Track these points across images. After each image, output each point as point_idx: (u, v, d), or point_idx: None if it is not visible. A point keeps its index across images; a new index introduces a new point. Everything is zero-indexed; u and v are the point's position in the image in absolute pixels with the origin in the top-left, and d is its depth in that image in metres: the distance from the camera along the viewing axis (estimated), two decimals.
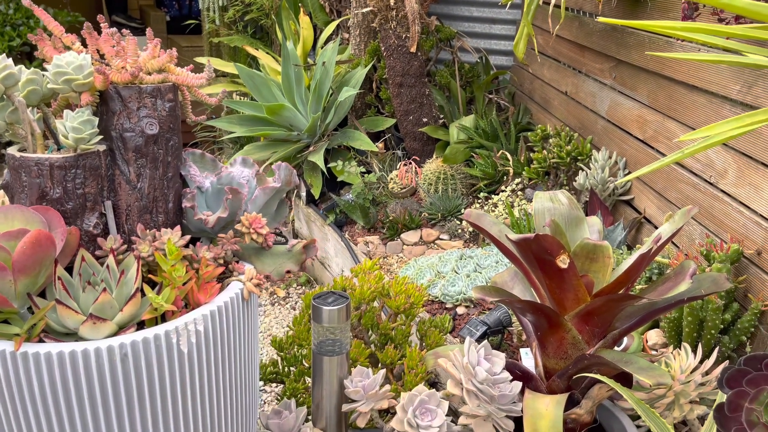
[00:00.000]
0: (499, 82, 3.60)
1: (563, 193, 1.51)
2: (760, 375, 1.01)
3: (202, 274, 0.97)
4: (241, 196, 1.06)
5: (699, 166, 1.85)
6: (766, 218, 1.56)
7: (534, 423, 1.33)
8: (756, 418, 1.02)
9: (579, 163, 2.45)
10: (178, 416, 0.95)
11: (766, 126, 1.56)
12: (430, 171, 2.98)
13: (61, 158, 0.91)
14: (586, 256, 1.35)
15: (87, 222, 0.95)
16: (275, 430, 1.22)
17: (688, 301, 1.34)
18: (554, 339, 1.37)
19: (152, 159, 0.99)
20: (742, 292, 1.64)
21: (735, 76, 1.66)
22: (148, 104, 0.97)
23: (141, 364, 0.89)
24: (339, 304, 1.21)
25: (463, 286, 2.24)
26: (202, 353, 0.95)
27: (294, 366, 1.60)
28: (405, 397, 1.18)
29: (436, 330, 1.69)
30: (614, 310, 1.31)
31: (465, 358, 1.21)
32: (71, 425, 0.88)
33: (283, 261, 1.10)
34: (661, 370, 1.19)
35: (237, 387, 1.05)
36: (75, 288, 0.90)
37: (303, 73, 3.32)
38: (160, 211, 1.02)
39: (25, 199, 0.91)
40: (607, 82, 2.43)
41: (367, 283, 1.57)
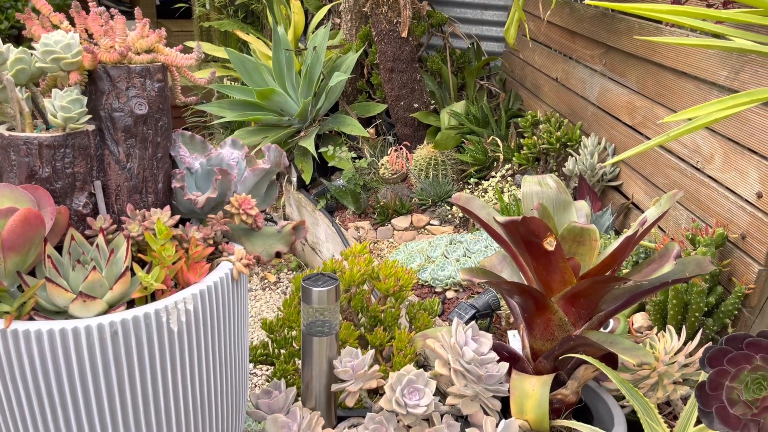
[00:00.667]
0: (491, 68, 3.60)
1: (551, 177, 1.53)
2: (741, 354, 1.03)
3: (192, 254, 0.97)
4: (230, 177, 1.06)
5: (686, 152, 1.87)
6: (750, 203, 1.59)
7: (521, 403, 1.35)
8: (736, 396, 1.04)
9: (569, 149, 2.47)
10: (168, 395, 0.96)
11: (752, 112, 1.58)
12: (421, 157, 2.99)
13: (50, 137, 0.91)
14: (573, 240, 1.37)
15: (76, 201, 0.95)
16: (265, 410, 1.23)
17: (672, 283, 1.36)
18: (541, 321, 1.38)
19: (142, 139, 0.99)
20: (727, 276, 1.66)
21: (722, 61, 1.68)
22: (137, 84, 0.97)
23: (131, 342, 0.89)
24: (328, 285, 1.22)
25: (453, 271, 2.25)
26: (192, 332, 0.96)
27: (284, 348, 1.61)
28: (393, 376, 1.20)
29: (425, 313, 1.71)
30: (600, 292, 1.33)
31: (453, 339, 1.22)
32: (62, 403, 0.89)
33: (272, 242, 1.11)
34: (645, 350, 1.21)
35: (227, 366, 1.06)
36: (65, 267, 0.91)
37: (294, 58, 3.31)
38: (150, 192, 1.03)
39: (14, 178, 0.91)
40: (598, 68, 2.43)
41: (357, 266, 1.58)
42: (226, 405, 1.09)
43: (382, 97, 3.41)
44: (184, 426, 1.00)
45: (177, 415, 0.99)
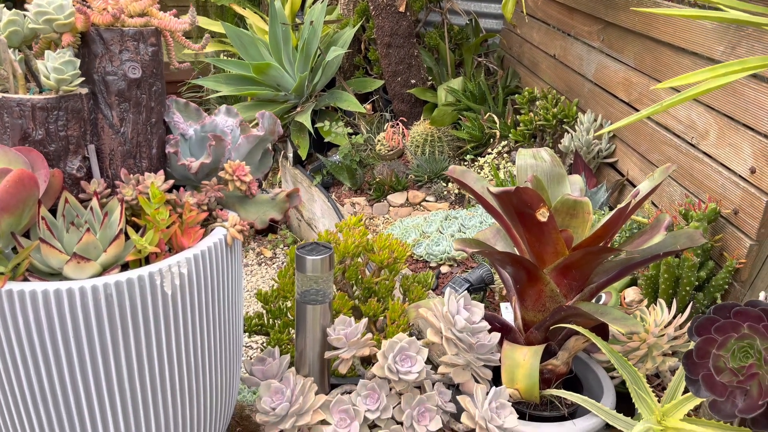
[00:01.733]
0: (489, 45, 3.58)
1: (546, 150, 1.53)
2: (728, 323, 1.05)
3: (186, 218, 0.98)
4: (224, 144, 1.06)
5: (681, 128, 1.87)
6: (744, 178, 1.59)
7: (511, 372, 1.37)
8: (723, 364, 1.06)
9: (565, 126, 2.47)
10: (162, 358, 0.97)
11: (747, 87, 1.58)
12: (418, 133, 2.99)
13: (43, 99, 0.91)
14: (566, 212, 1.38)
15: (70, 165, 0.95)
16: (259, 376, 1.24)
17: (664, 255, 1.37)
18: (533, 292, 1.40)
19: (135, 103, 0.99)
20: (718, 251, 1.67)
21: (719, 37, 1.67)
22: (131, 48, 0.96)
23: (125, 304, 0.90)
24: (322, 254, 1.23)
25: (448, 246, 2.26)
26: (185, 296, 0.96)
27: (279, 318, 1.62)
28: (386, 344, 1.21)
29: (419, 285, 1.72)
30: (592, 263, 1.34)
31: (445, 308, 1.23)
32: (57, 364, 0.90)
33: (266, 209, 1.11)
34: (635, 320, 1.23)
35: (221, 332, 1.07)
36: (59, 229, 0.91)
37: (291, 32, 3.28)
38: (144, 157, 1.03)
39: (7, 140, 0.91)
40: (595, 44, 2.42)
41: (352, 237, 1.59)
42: (220, 370, 1.10)
43: (379, 73, 3.39)
44: (178, 389, 1.02)
45: (171, 379, 1.00)
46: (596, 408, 1.33)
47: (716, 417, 1.16)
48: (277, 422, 1.16)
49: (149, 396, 0.98)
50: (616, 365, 1.28)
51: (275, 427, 1.16)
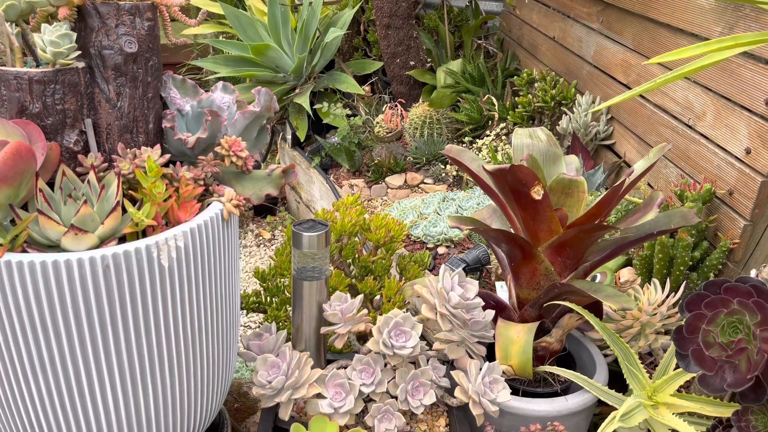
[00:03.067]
0: (489, 28, 3.57)
1: (542, 130, 1.54)
2: (718, 298, 1.06)
3: (182, 192, 0.99)
4: (220, 119, 1.07)
5: (679, 109, 1.87)
6: (739, 159, 1.60)
7: (505, 348, 1.39)
8: (712, 339, 1.07)
9: (563, 108, 2.47)
10: (159, 330, 0.99)
11: (744, 67, 1.58)
12: (416, 115, 2.99)
13: (40, 72, 0.91)
14: (561, 191, 1.38)
15: (67, 138, 0.96)
16: (256, 351, 1.26)
17: (658, 234, 1.38)
18: (527, 270, 1.41)
19: (132, 78, 0.99)
20: (713, 231, 1.69)
21: (717, 17, 1.67)
22: (127, 22, 0.97)
23: (123, 276, 0.91)
24: (318, 230, 1.24)
25: (445, 227, 2.27)
26: (182, 269, 0.98)
27: (276, 296, 1.64)
28: (381, 319, 1.22)
29: (416, 265, 1.73)
30: (586, 241, 1.35)
31: (439, 284, 1.25)
32: (56, 335, 0.92)
33: (262, 185, 1.12)
34: (627, 297, 1.24)
35: (217, 306, 1.09)
36: (56, 201, 0.92)
37: (290, 14, 3.27)
38: (141, 132, 1.03)
39: (4, 113, 0.92)
40: (594, 26, 2.42)
41: (348, 216, 1.60)
42: (216, 344, 1.12)
43: (378, 55, 3.38)
44: (176, 362, 1.03)
45: (168, 351, 1.01)
46: (589, 384, 1.35)
47: (705, 391, 1.18)
48: (274, 395, 1.18)
49: (146, 368, 1.00)
50: (608, 342, 1.30)
51: (271, 400, 1.18)
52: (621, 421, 1.25)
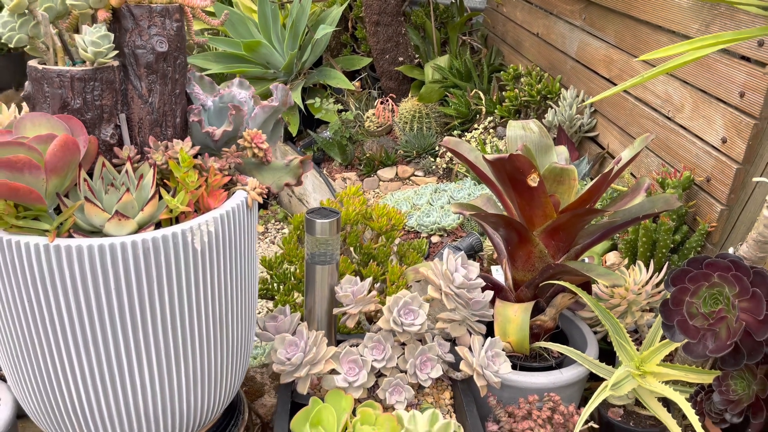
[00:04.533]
0: (473, 24, 3.67)
1: (534, 122, 1.63)
2: (700, 273, 1.17)
3: (211, 182, 1.06)
4: (243, 113, 1.14)
5: (659, 102, 1.98)
6: (716, 148, 1.72)
7: (503, 327, 1.49)
8: (695, 310, 1.18)
9: (548, 102, 2.57)
10: (192, 309, 1.06)
11: (720, 62, 1.70)
12: (406, 110, 3.08)
13: (81, 71, 0.98)
14: (553, 179, 1.48)
15: (104, 132, 1.03)
16: (272, 331, 1.34)
17: (643, 218, 1.49)
18: (523, 253, 1.51)
19: (162, 75, 1.07)
20: (692, 216, 1.80)
21: (694, 15, 1.78)
22: (158, 23, 1.04)
23: (161, 259, 0.99)
24: (330, 217, 1.32)
25: (438, 217, 2.37)
26: (213, 252, 1.05)
27: (284, 282, 1.72)
28: (390, 299, 1.31)
29: (415, 251, 1.83)
30: (578, 225, 1.45)
31: (444, 266, 1.34)
32: (99, 315, 0.99)
33: (281, 175, 1.20)
34: (617, 275, 1.34)
35: (241, 286, 1.16)
36: (98, 190, 0.99)
37: (278, 11, 3.33)
38: (169, 125, 1.11)
39: (47, 109, 0.99)
40: (577, 23, 2.53)
41: (352, 205, 1.68)
42: (240, 323, 1.19)
43: (366, 51, 3.46)
44: (205, 339, 1.11)
45: (199, 329, 1.09)
46: (581, 358, 1.45)
47: (690, 358, 1.29)
48: (293, 371, 1.26)
49: (180, 345, 1.07)
50: (599, 316, 1.40)
51: (291, 375, 1.27)
52: (612, 389, 1.36)
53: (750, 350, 1.13)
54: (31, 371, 1.06)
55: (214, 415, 1.25)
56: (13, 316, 1.00)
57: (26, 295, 0.97)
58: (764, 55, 1.53)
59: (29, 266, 0.95)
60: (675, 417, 1.36)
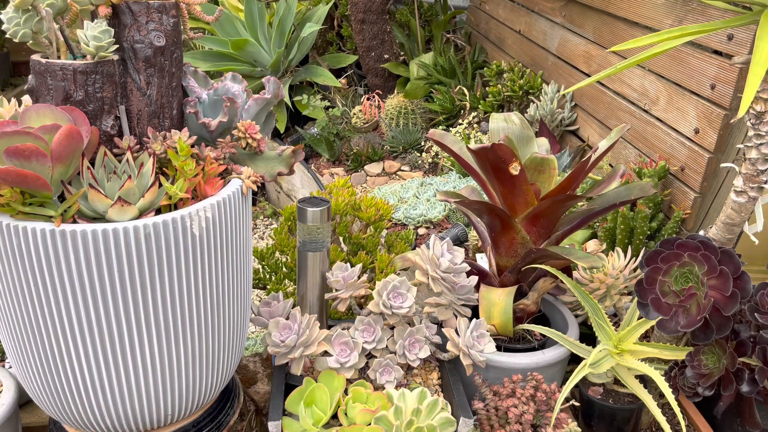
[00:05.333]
0: (456, 22, 3.73)
1: (516, 114, 1.70)
2: (672, 253, 1.24)
3: (208, 170, 1.11)
4: (237, 105, 1.20)
5: (636, 96, 2.06)
6: (689, 138, 1.79)
7: (488, 310, 1.55)
8: (667, 288, 1.25)
9: (530, 96, 2.64)
10: (191, 291, 1.11)
11: (692, 56, 1.77)
12: (392, 106, 3.13)
13: (83, 64, 1.02)
14: (534, 168, 1.55)
15: (105, 123, 1.08)
16: (266, 316, 1.39)
17: (620, 205, 1.56)
18: (506, 239, 1.57)
19: (159, 69, 1.11)
20: (668, 204, 1.88)
21: (668, 11, 1.86)
22: (155, 19, 1.09)
23: (161, 243, 1.04)
24: (321, 206, 1.38)
25: (424, 209, 2.43)
26: (210, 237, 1.10)
27: (275, 272, 1.77)
28: (380, 283, 1.37)
29: (402, 241, 1.89)
30: (558, 211, 1.52)
31: (431, 252, 1.40)
32: (103, 296, 1.03)
33: (274, 164, 1.25)
34: (595, 257, 1.41)
35: (236, 271, 1.21)
36: (101, 178, 1.04)
37: (265, 10, 3.37)
38: (166, 117, 1.15)
39: (51, 101, 1.03)
40: (558, 20, 2.60)
41: (342, 196, 1.74)
42: (235, 305, 1.24)
43: (352, 49, 3.51)
44: (203, 320, 1.16)
45: (197, 311, 1.14)
46: (562, 339, 1.52)
47: (665, 337, 1.36)
48: (287, 353, 1.31)
49: (179, 325, 1.12)
50: (579, 298, 1.47)
51: (285, 357, 1.32)
52: (591, 367, 1.42)
53: (719, 325, 1.20)
54: (37, 354, 1.10)
55: (212, 396, 1.30)
56: (20, 299, 1.05)
57: (32, 278, 1.02)
58: (734, 49, 1.61)
59: (36, 251, 0.99)
60: (652, 395, 1.44)
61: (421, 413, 1.26)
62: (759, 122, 1.18)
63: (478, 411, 1.38)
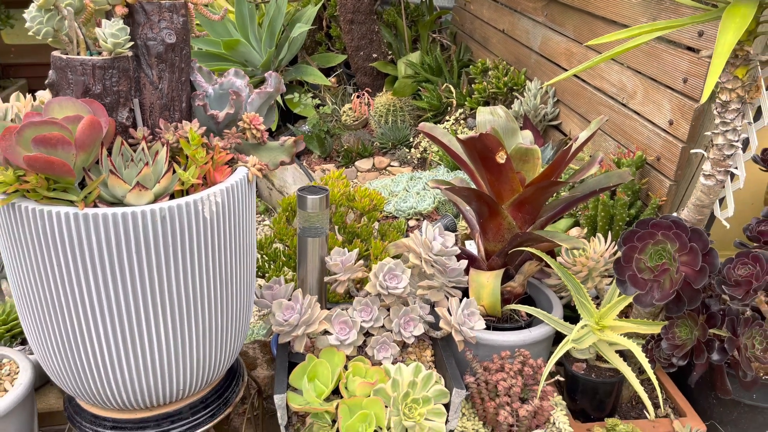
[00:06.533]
0: (442, 23, 3.83)
1: (501, 108, 1.80)
2: (647, 232, 1.34)
3: (217, 158, 1.19)
4: (242, 98, 1.28)
5: (614, 90, 2.17)
6: (664, 129, 1.90)
7: (477, 292, 1.64)
8: (643, 265, 1.35)
9: (515, 93, 2.75)
10: (201, 271, 1.19)
11: (666, 52, 1.88)
12: (381, 104, 3.22)
13: (101, 60, 1.10)
14: (519, 158, 1.65)
15: (120, 115, 1.15)
16: (268, 299, 1.47)
17: (600, 191, 1.66)
18: (493, 225, 1.67)
19: (170, 64, 1.19)
20: (645, 192, 1.99)
21: (643, 10, 1.97)
22: (167, 17, 1.17)
23: (176, 226, 1.12)
24: (320, 194, 1.46)
25: (414, 202, 2.52)
26: (220, 221, 1.18)
27: (274, 261, 1.85)
28: (376, 266, 1.46)
29: (395, 230, 1.98)
30: (542, 197, 1.62)
31: (424, 236, 1.49)
32: (121, 277, 1.11)
33: (276, 154, 1.34)
34: (576, 239, 1.51)
35: (242, 253, 1.29)
36: (119, 165, 1.11)
37: (255, 11, 3.45)
38: (177, 109, 1.23)
39: (71, 94, 1.11)
40: (540, 19, 2.71)
41: (337, 187, 1.83)
42: (241, 286, 1.32)
43: (341, 48, 3.60)
44: (213, 299, 1.24)
45: (208, 290, 1.22)
46: (547, 318, 1.62)
47: (642, 310, 1.46)
48: (290, 331, 1.40)
49: (191, 303, 1.20)
50: (562, 277, 1.57)
51: (288, 335, 1.40)
52: (573, 343, 1.52)
53: (690, 297, 1.30)
54: (57, 332, 1.18)
55: (219, 373, 1.38)
56: (43, 280, 1.12)
57: (55, 259, 1.09)
58: (704, 44, 1.72)
59: (59, 233, 1.07)
60: (632, 369, 1.54)
61: (417, 385, 1.34)
62: (724, 111, 1.29)
63: (469, 385, 1.47)
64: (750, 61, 1.26)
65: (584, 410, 1.66)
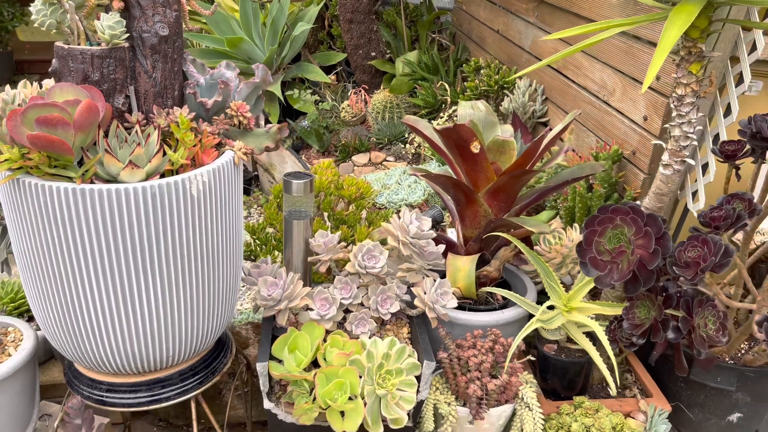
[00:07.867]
0: (442, 23, 3.93)
1: (482, 102, 1.89)
2: (606, 217, 1.43)
3: (205, 142, 1.30)
4: (230, 87, 1.38)
5: (596, 88, 2.26)
6: (639, 125, 1.99)
7: (454, 274, 1.74)
8: (603, 248, 1.44)
9: (505, 91, 2.84)
10: (189, 245, 1.29)
11: (642, 51, 1.97)
12: (378, 101, 3.33)
13: (99, 49, 1.21)
14: (496, 150, 1.74)
15: (117, 101, 1.26)
16: (255, 276, 1.58)
17: (572, 181, 1.75)
18: (470, 212, 1.76)
19: (164, 55, 1.30)
20: (621, 185, 2.07)
21: (621, 10, 2.06)
22: (160, 12, 1.27)
23: (165, 202, 1.22)
24: (305, 178, 1.57)
25: (405, 194, 2.62)
26: (207, 200, 1.29)
27: (265, 244, 1.95)
28: (356, 247, 1.56)
29: (381, 219, 2.07)
30: (516, 186, 1.71)
31: (401, 220, 1.59)
32: (115, 248, 1.22)
33: (262, 139, 1.44)
34: (545, 225, 1.60)
35: (228, 231, 1.40)
36: (114, 146, 1.22)
37: (259, 10, 3.56)
38: (169, 97, 1.34)
39: (71, 81, 1.22)
40: (531, 20, 2.80)
41: (325, 175, 1.93)
42: (227, 262, 1.43)
43: (342, 47, 3.70)
44: (200, 272, 1.34)
45: (195, 263, 1.32)
46: (520, 300, 1.71)
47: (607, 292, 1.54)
48: (274, 305, 1.50)
49: (180, 275, 1.30)
50: (532, 261, 1.66)
51: (272, 309, 1.50)
52: (541, 323, 1.61)
53: (645, 278, 1.39)
54: (56, 299, 1.28)
55: (207, 343, 1.48)
56: (44, 250, 1.23)
57: (55, 231, 1.20)
58: None
59: (59, 207, 1.18)
60: (600, 351, 1.62)
61: (391, 357, 1.44)
62: (680, 104, 1.38)
63: (442, 360, 1.57)
64: (703, 58, 1.35)
65: (555, 390, 1.75)
